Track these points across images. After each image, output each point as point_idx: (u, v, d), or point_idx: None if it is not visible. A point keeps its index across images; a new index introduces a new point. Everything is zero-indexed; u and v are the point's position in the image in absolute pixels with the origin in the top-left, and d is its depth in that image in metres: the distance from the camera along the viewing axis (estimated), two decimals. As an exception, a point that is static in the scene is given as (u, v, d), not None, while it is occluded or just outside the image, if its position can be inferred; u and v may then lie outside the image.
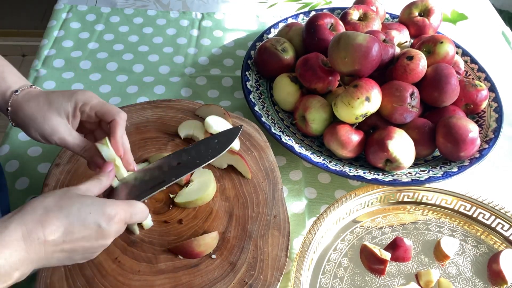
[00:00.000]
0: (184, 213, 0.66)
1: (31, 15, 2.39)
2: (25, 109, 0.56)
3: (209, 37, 1.06)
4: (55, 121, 0.55)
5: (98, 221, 0.47)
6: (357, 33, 0.75)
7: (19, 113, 0.56)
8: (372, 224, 0.73)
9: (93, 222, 0.47)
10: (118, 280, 0.58)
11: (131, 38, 1.03)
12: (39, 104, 0.56)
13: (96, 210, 0.47)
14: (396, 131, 0.73)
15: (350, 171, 0.75)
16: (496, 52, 1.10)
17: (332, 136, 0.76)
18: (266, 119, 0.81)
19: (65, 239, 0.45)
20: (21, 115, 0.56)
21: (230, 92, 0.94)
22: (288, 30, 0.93)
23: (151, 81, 0.94)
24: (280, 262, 0.62)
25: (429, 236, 0.72)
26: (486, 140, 0.80)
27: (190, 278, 0.59)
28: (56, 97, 0.56)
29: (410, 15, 0.95)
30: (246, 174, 0.71)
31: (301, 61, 0.82)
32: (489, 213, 0.73)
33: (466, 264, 0.69)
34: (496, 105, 0.86)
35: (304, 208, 0.76)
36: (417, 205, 0.76)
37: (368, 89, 0.74)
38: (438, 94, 0.79)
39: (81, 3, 1.11)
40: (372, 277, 0.67)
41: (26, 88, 0.58)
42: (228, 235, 0.64)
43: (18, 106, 0.56)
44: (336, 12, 1.04)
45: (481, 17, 1.21)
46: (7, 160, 0.77)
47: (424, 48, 0.85)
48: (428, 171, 0.76)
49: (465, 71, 0.93)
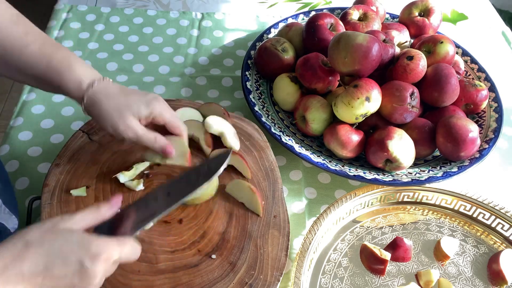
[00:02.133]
0: (184, 213, 0.66)
1: (31, 15, 2.39)
2: (104, 105, 0.61)
3: (209, 37, 1.06)
4: (130, 121, 0.61)
5: (81, 259, 0.45)
6: (357, 33, 0.75)
7: (96, 106, 0.61)
8: (372, 224, 0.73)
9: (75, 259, 0.45)
10: (118, 280, 0.58)
11: (131, 38, 1.03)
12: (118, 104, 0.61)
13: (80, 248, 0.45)
14: (396, 131, 0.73)
15: (350, 171, 0.75)
16: (496, 52, 1.10)
17: (332, 136, 0.76)
18: (266, 119, 0.81)
19: (45, 275, 0.43)
20: (97, 109, 0.61)
21: (230, 92, 0.94)
22: (288, 30, 0.93)
23: (151, 81, 0.94)
24: (280, 262, 0.62)
25: (429, 236, 0.72)
26: (486, 140, 0.80)
27: (190, 278, 0.59)
28: (134, 102, 0.62)
29: (410, 15, 0.95)
30: (246, 174, 0.71)
31: (301, 61, 0.82)
32: (489, 213, 0.73)
33: (466, 264, 0.69)
34: (496, 105, 0.86)
35: (304, 208, 0.76)
36: (417, 205, 0.76)
37: (368, 89, 0.74)
38: (438, 94, 0.79)
39: (81, 3, 1.11)
40: (372, 277, 0.67)
41: (101, 81, 0.62)
42: (228, 235, 0.64)
43: (96, 101, 0.61)
44: (336, 12, 1.03)
45: (481, 17, 1.21)
46: (7, 160, 0.77)
47: (424, 48, 0.85)
48: (428, 171, 0.76)
49: (465, 71, 0.93)
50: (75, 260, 0.45)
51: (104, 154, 0.71)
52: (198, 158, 0.73)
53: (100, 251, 0.46)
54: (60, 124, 0.84)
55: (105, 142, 0.72)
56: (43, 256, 0.44)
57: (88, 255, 0.45)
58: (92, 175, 0.68)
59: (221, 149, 0.72)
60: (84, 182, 0.67)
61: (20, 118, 0.84)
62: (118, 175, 0.68)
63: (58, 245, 0.45)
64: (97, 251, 0.46)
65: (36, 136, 0.82)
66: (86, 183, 0.67)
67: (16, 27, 0.60)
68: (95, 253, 0.45)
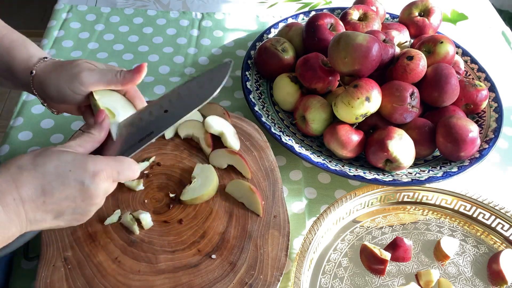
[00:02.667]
0: (184, 213, 0.66)
1: (31, 15, 2.39)
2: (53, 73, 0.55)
3: (209, 37, 1.06)
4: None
5: (80, 179, 0.44)
6: (357, 33, 0.75)
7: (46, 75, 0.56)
8: (372, 224, 0.73)
9: (74, 180, 0.44)
10: (118, 280, 0.58)
11: (131, 38, 1.03)
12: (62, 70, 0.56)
13: (77, 167, 0.44)
14: (396, 131, 0.73)
15: (350, 171, 0.75)
16: (496, 52, 1.10)
17: (332, 136, 0.76)
18: (266, 119, 0.81)
19: (45, 200, 0.43)
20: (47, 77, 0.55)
21: (230, 92, 0.94)
22: (288, 30, 0.93)
23: (151, 81, 0.94)
24: (280, 262, 0.62)
25: (429, 236, 0.72)
26: (486, 140, 0.80)
27: (190, 278, 0.59)
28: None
29: (410, 15, 0.95)
30: (246, 174, 0.71)
31: (301, 61, 0.82)
32: (489, 213, 0.73)
33: (466, 264, 0.69)
34: (496, 105, 0.86)
35: (304, 208, 0.76)
36: (417, 205, 0.76)
37: (368, 89, 0.74)
38: (438, 94, 0.79)
39: (81, 3, 1.11)
40: (372, 277, 0.67)
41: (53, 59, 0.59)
42: (228, 235, 0.64)
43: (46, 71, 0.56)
44: (336, 12, 1.04)
45: (481, 17, 1.21)
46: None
47: (424, 48, 0.85)
48: (428, 171, 0.76)
49: (465, 71, 0.93)
50: (74, 180, 0.44)
51: (104, 154, 0.71)
52: (198, 158, 0.73)
53: (99, 169, 0.45)
54: (60, 124, 0.84)
55: (105, 142, 0.72)
56: (39, 179, 0.43)
57: (87, 173, 0.44)
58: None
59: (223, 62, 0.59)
60: (84, 182, 0.67)
61: (20, 118, 0.84)
62: None
63: (53, 166, 0.43)
64: (96, 169, 0.45)
65: (36, 136, 0.82)
66: (86, 183, 0.67)
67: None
68: (94, 171, 0.45)
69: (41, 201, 0.43)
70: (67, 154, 0.45)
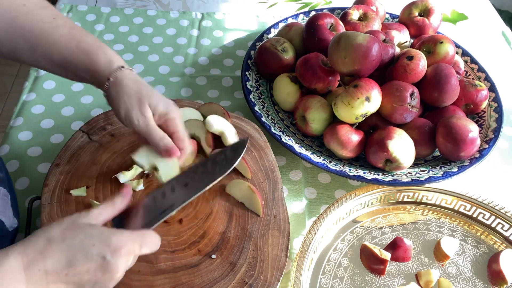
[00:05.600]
0: (184, 213, 0.66)
1: (31, 15, 2.38)
2: (126, 87, 0.59)
3: (209, 37, 1.06)
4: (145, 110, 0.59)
5: (102, 253, 0.45)
6: (357, 33, 0.75)
7: (119, 87, 0.59)
8: (372, 224, 0.73)
9: (97, 254, 0.45)
10: (118, 280, 0.58)
11: (131, 38, 1.03)
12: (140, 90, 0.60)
13: (100, 242, 0.45)
14: (396, 131, 0.73)
15: (350, 171, 0.75)
16: (496, 52, 1.10)
17: (332, 136, 0.76)
18: (266, 119, 0.82)
19: (68, 272, 0.44)
20: (119, 89, 0.59)
21: (230, 92, 0.94)
22: (288, 30, 0.93)
23: (151, 81, 0.94)
24: (280, 262, 0.62)
25: (429, 236, 0.72)
26: (486, 140, 0.80)
27: (190, 278, 0.59)
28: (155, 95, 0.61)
29: (410, 15, 0.95)
30: (246, 174, 0.71)
31: (301, 61, 0.82)
32: (489, 213, 0.73)
33: (466, 264, 0.69)
34: (496, 105, 0.86)
35: (304, 208, 0.76)
36: (417, 205, 0.76)
37: (368, 89, 0.74)
38: (438, 94, 0.79)
39: (81, 3, 1.11)
40: (372, 277, 0.67)
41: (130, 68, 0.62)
42: (228, 235, 0.64)
43: (121, 81, 0.59)
44: (336, 12, 1.04)
45: (481, 17, 1.21)
46: (7, 160, 0.77)
47: (424, 48, 0.85)
48: (428, 171, 0.76)
49: (465, 71, 0.93)
50: (96, 254, 0.45)
51: (104, 154, 0.71)
52: (198, 158, 0.73)
53: (121, 245, 0.46)
54: (60, 124, 0.84)
55: (105, 142, 0.72)
56: (65, 252, 0.44)
57: (109, 249, 0.45)
58: (92, 175, 0.68)
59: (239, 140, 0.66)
60: (84, 182, 0.67)
61: (20, 118, 0.84)
62: (118, 175, 0.68)
63: (79, 240, 0.45)
64: (118, 245, 0.46)
65: (36, 136, 0.82)
66: (86, 183, 0.67)
67: (44, 11, 0.61)
68: (116, 246, 0.46)
69: (64, 273, 0.44)
70: (94, 228, 0.47)
